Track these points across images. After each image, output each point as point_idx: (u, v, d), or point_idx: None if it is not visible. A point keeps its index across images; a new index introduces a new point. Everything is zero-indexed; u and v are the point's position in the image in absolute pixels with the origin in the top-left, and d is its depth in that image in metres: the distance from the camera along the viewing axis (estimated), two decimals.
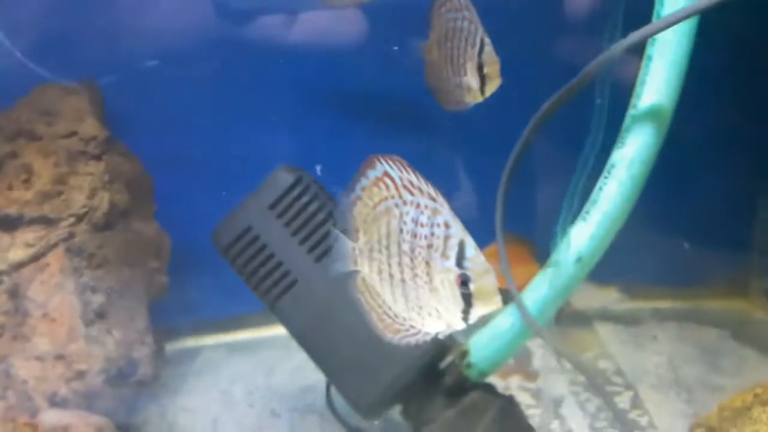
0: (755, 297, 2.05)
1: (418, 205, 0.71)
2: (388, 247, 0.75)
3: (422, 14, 1.26)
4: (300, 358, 1.32)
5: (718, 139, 1.93)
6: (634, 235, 1.86)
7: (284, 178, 1.30)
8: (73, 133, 1.68)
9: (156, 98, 1.86)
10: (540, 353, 1.84)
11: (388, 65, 1.84)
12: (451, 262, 0.68)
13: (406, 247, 0.73)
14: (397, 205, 0.73)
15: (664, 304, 2.05)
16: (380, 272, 0.77)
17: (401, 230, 0.73)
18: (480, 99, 1.18)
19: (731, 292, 2.07)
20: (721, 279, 2.07)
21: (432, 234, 0.70)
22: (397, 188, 0.72)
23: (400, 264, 0.74)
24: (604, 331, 1.95)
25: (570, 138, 1.36)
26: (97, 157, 1.68)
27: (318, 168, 1.32)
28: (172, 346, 1.94)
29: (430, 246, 0.70)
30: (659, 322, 1.98)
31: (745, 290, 2.07)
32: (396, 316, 0.78)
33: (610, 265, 1.94)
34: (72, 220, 1.58)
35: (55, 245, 1.54)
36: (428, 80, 1.28)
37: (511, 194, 1.12)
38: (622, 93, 1.19)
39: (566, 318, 1.97)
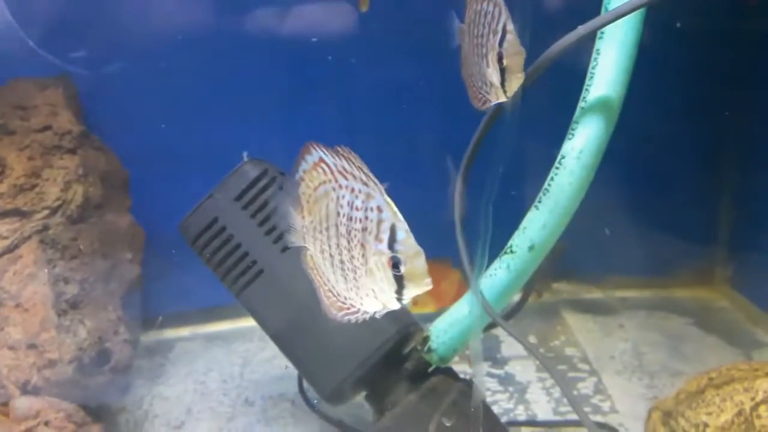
0: (720, 286, 2.10)
1: (352, 190, 0.74)
2: (327, 229, 0.78)
3: None
4: (274, 348, 1.35)
5: (685, 133, 1.98)
6: (603, 227, 1.93)
7: (249, 170, 1.33)
8: (48, 128, 1.70)
9: (131, 92, 1.89)
10: (509, 340, 1.88)
11: (363, 58, 1.88)
12: (384, 244, 0.72)
13: (342, 229, 0.76)
14: (333, 189, 0.76)
15: (631, 294, 2.10)
16: (322, 252, 0.81)
17: (338, 213, 0.76)
18: (503, 98, 1.02)
19: (697, 281, 2.12)
20: (688, 269, 2.12)
21: (366, 218, 0.73)
22: (332, 173, 0.76)
23: (338, 245, 0.78)
24: (573, 319, 2.00)
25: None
26: (72, 151, 1.71)
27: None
28: (149, 337, 1.98)
29: (364, 229, 0.73)
30: (627, 311, 2.03)
31: (711, 279, 2.12)
32: (339, 294, 0.82)
33: (580, 256, 2.02)
34: (46, 212, 1.61)
35: (29, 237, 1.57)
36: (462, 71, 1.12)
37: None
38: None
39: (535, 307, 2.01)
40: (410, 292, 0.73)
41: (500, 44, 0.97)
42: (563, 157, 1.14)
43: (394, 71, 1.92)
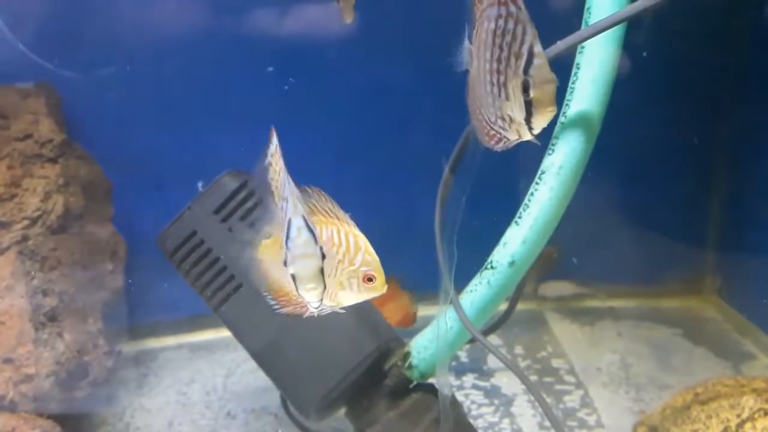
0: (708, 295, 2.09)
1: None
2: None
3: None
4: None
5: (673, 142, 1.97)
6: (591, 236, 1.92)
7: (228, 182, 1.31)
8: (28, 136, 1.68)
9: (116, 100, 1.87)
10: None
11: (348, 68, 1.87)
12: None
13: None
14: None
15: (619, 303, 2.09)
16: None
17: None
18: (527, 136, 0.86)
19: (686, 291, 2.11)
20: (676, 278, 2.11)
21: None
22: None
23: None
24: (559, 330, 1.98)
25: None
26: (53, 160, 1.69)
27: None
28: (133, 347, 1.96)
29: None
30: (614, 321, 2.02)
31: (699, 289, 2.11)
32: None
33: (567, 265, 2.01)
34: (25, 223, 1.59)
35: (8, 248, 1.55)
36: (468, 101, 0.92)
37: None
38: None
39: (522, 317, 2.00)
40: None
41: (525, 71, 0.80)
42: (543, 173, 1.12)
43: (385, 77, 1.91)
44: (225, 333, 2.00)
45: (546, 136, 1.19)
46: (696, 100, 1.93)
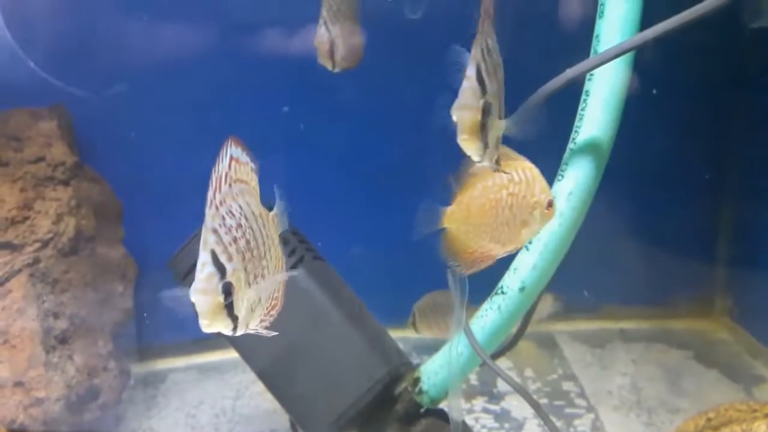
0: (719, 317, 2.08)
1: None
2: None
3: None
4: None
5: (683, 163, 1.97)
6: (600, 257, 1.91)
7: None
8: (41, 159, 1.70)
9: (127, 122, 1.89)
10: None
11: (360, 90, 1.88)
12: None
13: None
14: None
15: (630, 325, 2.07)
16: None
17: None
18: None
19: (696, 313, 2.09)
20: (687, 299, 2.10)
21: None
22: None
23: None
24: (570, 352, 1.97)
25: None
26: (65, 183, 1.70)
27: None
28: (142, 369, 1.96)
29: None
30: (625, 343, 2.00)
31: (710, 311, 2.09)
32: None
33: (576, 286, 2.00)
34: (37, 245, 1.60)
35: (19, 271, 1.55)
36: None
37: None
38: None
39: (533, 339, 1.99)
40: None
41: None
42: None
43: (389, 101, 1.92)
44: (234, 354, 1.99)
45: (555, 162, 1.20)
46: (707, 122, 1.93)
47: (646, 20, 1.09)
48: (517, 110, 1.09)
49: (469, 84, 0.76)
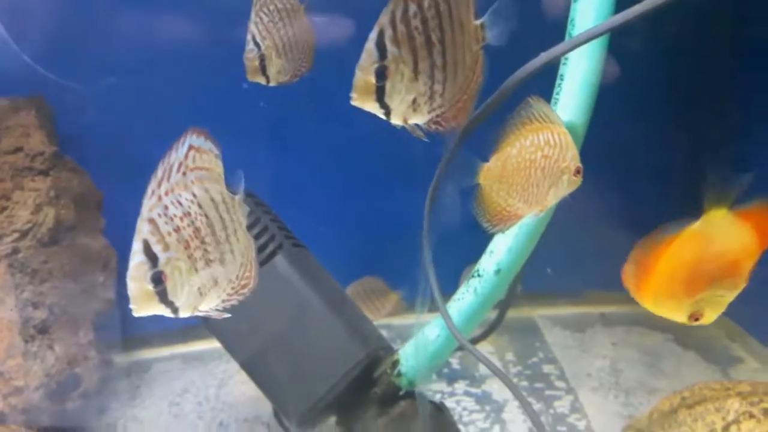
0: None
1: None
2: None
3: None
4: None
5: (664, 142, 1.98)
6: (581, 242, 1.92)
7: None
8: (19, 149, 1.69)
9: (108, 112, 1.88)
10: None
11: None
12: None
13: None
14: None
15: (610, 309, 2.10)
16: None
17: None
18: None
19: None
20: None
21: None
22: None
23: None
24: (551, 336, 1.99)
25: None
26: (44, 173, 1.69)
27: None
28: (126, 359, 1.95)
29: None
30: (606, 327, 2.03)
31: None
32: None
33: (559, 272, 2.01)
34: (16, 235, 1.59)
35: None
36: None
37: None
38: None
39: (514, 323, 2.01)
40: None
41: None
42: None
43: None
44: (217, 344, 2.02)
45: None
46: (692, 111, 1.95)
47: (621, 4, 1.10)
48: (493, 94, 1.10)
49: (366, 48, 0.81)
